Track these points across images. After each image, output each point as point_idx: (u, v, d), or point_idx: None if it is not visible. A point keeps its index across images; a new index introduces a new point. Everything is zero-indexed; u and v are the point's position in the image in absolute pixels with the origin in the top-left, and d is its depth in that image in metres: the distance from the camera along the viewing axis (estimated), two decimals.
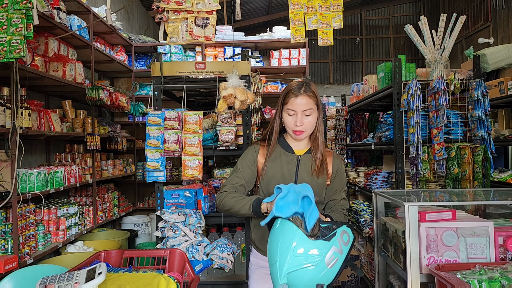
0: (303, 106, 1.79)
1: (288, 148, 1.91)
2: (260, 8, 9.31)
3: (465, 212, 2.17)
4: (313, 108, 1.82)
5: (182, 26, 2.87)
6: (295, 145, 1.91)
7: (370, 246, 3.72)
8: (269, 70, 6.28)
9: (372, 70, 10.62)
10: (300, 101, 1.79)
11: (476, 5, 7.78)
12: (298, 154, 1.90)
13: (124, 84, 6.28)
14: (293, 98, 1.80)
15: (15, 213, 2.90)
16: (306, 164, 1.88)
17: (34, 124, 3.29)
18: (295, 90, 1.81)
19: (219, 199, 1.84)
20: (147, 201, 6.31)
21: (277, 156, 1.89)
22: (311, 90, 1.81)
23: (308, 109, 1.80)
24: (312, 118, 1.82)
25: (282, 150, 1.90)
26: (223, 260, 2.83)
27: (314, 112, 1.83)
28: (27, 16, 2.48)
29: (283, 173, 1.86)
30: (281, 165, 1.87)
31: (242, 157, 1.94)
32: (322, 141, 1.89)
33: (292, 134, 1.86)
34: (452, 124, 3.02)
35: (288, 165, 1.87)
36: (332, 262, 1.43)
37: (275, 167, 1.87)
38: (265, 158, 1.89)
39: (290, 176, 1.86)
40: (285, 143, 1.92)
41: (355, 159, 5.05)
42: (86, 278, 1.52)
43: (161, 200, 3.04)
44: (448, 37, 3.09)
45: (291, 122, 1.83)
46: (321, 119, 1.88)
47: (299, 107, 1.79)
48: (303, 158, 1.89)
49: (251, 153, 1.92)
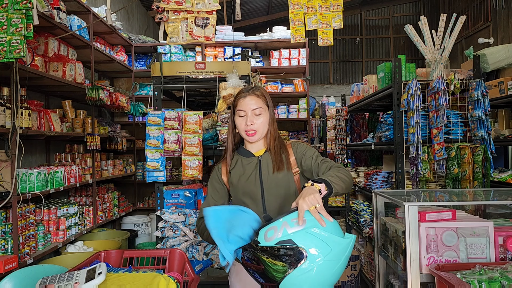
0: (252, 105, 1.82)
1: (247, 154, 1.90)
2: (260, 8, 9.31)
3: (465, 212, 2.17)
4: (263, 107, 1.83)
5: (182, 26, 2.87)
6: (254, 149, 1.90)
7: (370, 246, 3.72)
8: (269, 70, 6.28)
9: (372, 70, 10.62)
10: (249, 100, 1.83)
11: (476, 5, 7.78)
12: (258, 155, 1.89)
13: (124, 84, 6.28)
14: (241, 99, 1.85)
15: (15, 213, 2.90)
16: (268, 162, 1.86)
17: (34, 124, 3.29)
18: (243, 91, 1.87)
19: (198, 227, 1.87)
20: (147, 201, 6.31)
21: (239, 163, 1.89)
22: (259, 91, 1.86)
23: (257, 107, 1.82)
24: (263, 118, 1.83)
25: (242, 158, 1.90)
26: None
27: (264, 112, 1.84)
28: (27, 16, 2.48)
29: (246, 176, 1.85)
30: (243, 170, 1.87)
31: (209, 180, 1.96)
32: (277, 139, 1.88)
33: (245, 136, 1.85)
34: (452, 124, 3.02)
35: (250, 167, 1.86)
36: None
37: (237, 174, 1.87)
38: (227, 170, 1.89)
39: (254, 178, 1.84)
40: (244, 151, 1.92)
41: (355, 159, 5.05)
42: (86, 278, 1.52)
43: (161, 200, 3.04)
44: (448, 37, 3.09)
45: (243, 123, 1.83)
46: (273, 120, 1.88)
47: (248, 106, 1.82)
48: (264, 157, 1.87)
49: (215, 174, 1.93)
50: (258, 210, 1.80)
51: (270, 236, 1.39)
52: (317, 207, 1.43)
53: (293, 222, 1.39)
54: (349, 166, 4.91)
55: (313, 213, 1.41)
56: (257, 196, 1.82)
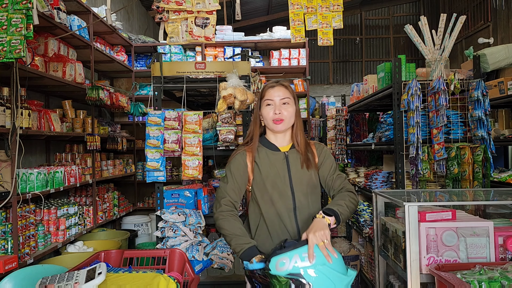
0: (280, 95, 1.87)
1: (272, 147, 1.92)
2: (260, 8, 9.31)
3: (465, 212, 2.17)
4: (290, 98, 1.88)
5: (182, 26, 2.86)
6: (278, 143, 1.92)
7: (370, 246, 3.72)
8: (269, 70, 6.28)
9: (372, 70, 10.61)
10: (277, 91, 1.88)
11: (476, 5, 7.78)
12: (284, 150, 1.91)
13: (124, 84, 6.28)
14: (270, 89, 1.90)
15: (15, 213, 2.90)
16: (294, 159, 1.89)
17: (34, 124, 3.28)
18: (271, 83, 1.92)
19: (218, 218, 1.84)
20: (147, 201, 6.31)
21: (265, 156, 1.89)
22: (286, 83, 1.93)
23: (285, 97, 1.87)
24: (291, 108, 1.88)
25: (267, 150, 1.91)
26: (223, 260, 2.83)
27: (291, 103, 1.89)
28: (27, 16, 2.48)
29: (276, 172, 1.86)
30: (272, 164, 1.88)
31: (232, 163, 1.91)
32: (303, 135, 1.93)
33: (272, 125, 1.87)
34: (452, 124, 3.02)
35: (278, 163, 1.88)
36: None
37: (265, 167, 1.87)
38: (252, 160, 1.89)
39: (283, 173, 1.86)
40: (267, 143, 1.93)
41: (355, 159, 5.05)
42: (86, 278, 1.52)
43: (161, 200, 3.04)
44: (448, 37, 3.09)
45: (270, 112, 1.87)
46: (299, 114, 1.94)
47: (276, 95, 1.87)
48: (290, 154, 1.90)
49: (240, 157, 1.90)
50: (287, 207, 1.85)
51: (281, 266, 1.54)
52: (325, 242, 1.58)
53: (304, 257, 1.55)
54: (349, 166, 4.91)
55: (321, 249, 1.57)
56: (286, 192, 1.85)
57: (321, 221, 1.65)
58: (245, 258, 1.72)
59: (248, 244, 1.73)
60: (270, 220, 1.85)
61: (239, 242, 1.74)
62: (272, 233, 1.85)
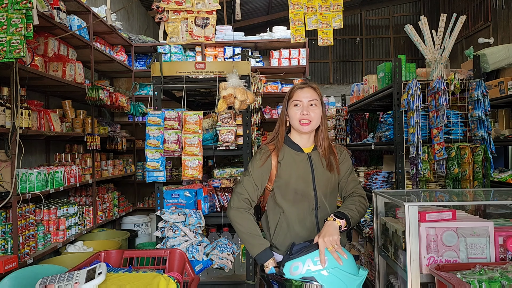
0: (309, 96, 1.89)
1: (295, 147, 1.94)
2: (260, 8, 9.31)
3: (465, 212, 2.17)
4: (318, 100, 1.90)
5: (182, 26, 2.86)
6: (302, 143, 1.94)
7: (370, 246, 3.72)
8: (269, 70, 6.28)
9: (372, 70, 10.62)
10: (306, 92, 1.90)
11: (476, 5, 7.78)
12: (307, 151, 1.93)
13: (124, 84, 6.28)
14: (298, 90, 1.91)
15: (15, 213, 2.90)
16: (317, 161, 1.92)
17: (34, 124, 3.28)
18: (300, 84, 1.94)
19: (234, 214, 1.86)
20: (147, 201, 6.31)
21: (289, 156, 1.91)
22: (315, 85, 1.95)
23: (313, 99, 1.89)
24: (318, 110, 1.89)
25: (291, 150, 1.93)
26: (223, 260, 2.83)
27: (319, 105, 1.90)
28: (27, 16, 2.48)
29: (299, 173, 1.89)
30: (295, 165, 1.90)
31: (255, 160, 1.93)
32: (327, 138, 1.96)
33: (298, 126, 1.89)
34: (452, 124, 3.02)
35: (302, 164, 1.90)
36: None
37: (289, 168, 1.89)
38: (277, 160, 1.91)
39: (307, 175, 1.89)
40: (291, 143, 1.95)
41: (355, 159, 5.05)
42: (86, 278, 1.52)
43: (161, 200, 3.04)
44: (448, 37, 3.09)
45: (298, 113, 1.88)
46: (325, 117, 1.96)
47: (304, 96, 1.89)
48: (312, 156, 1.93)
49: (265, 155, 1.92)
50: (310, 207, 1.88)
51: (294, 271, 1.63)
52: (335, 246, 1.64)
53: (316, 261, 1.63)
54: None
55: (331, 252, 1.63)
56: (309, 193, 1.88)
57: (332, 224, 1.71)
58: (260, 259, 1.77)
59: (263, 245, 1.79)
60: (291, 220, 1.89)
61: (254, 242, 1.80)
62: (292, 232, 1.89)
